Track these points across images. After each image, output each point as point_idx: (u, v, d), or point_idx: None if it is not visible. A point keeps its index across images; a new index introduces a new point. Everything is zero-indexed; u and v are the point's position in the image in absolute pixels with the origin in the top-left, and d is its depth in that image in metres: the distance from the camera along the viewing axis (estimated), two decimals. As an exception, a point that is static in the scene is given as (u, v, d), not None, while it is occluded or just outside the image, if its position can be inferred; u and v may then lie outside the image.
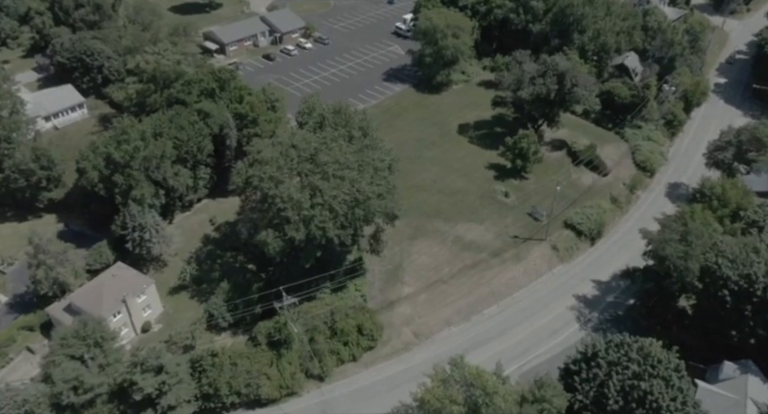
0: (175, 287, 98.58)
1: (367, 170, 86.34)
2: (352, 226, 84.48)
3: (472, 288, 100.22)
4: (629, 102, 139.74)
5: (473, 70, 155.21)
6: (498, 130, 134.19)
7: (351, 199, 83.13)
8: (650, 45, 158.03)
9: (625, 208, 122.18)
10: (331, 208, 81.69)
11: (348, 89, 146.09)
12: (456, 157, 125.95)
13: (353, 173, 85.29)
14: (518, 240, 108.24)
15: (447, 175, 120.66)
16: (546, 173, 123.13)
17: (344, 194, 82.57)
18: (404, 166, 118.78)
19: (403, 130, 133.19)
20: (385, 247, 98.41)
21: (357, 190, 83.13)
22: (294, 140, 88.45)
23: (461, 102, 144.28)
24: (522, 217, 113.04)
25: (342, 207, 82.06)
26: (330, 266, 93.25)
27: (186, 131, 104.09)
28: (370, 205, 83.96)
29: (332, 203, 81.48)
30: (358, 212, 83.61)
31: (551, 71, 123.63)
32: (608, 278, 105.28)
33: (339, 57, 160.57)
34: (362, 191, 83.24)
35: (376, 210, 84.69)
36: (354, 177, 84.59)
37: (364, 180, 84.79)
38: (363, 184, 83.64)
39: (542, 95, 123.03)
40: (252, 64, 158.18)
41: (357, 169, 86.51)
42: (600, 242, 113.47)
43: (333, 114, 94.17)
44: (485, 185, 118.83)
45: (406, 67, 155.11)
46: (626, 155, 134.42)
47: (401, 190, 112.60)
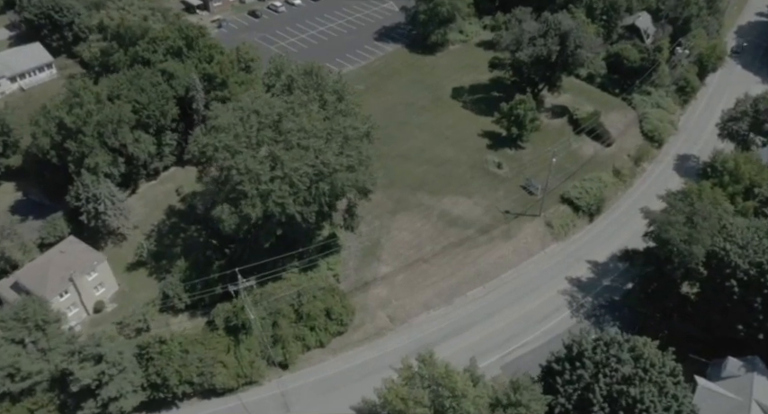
0: (134, 263, 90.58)
1: (335, 139, 76.72)
2: (316, 201, 75.26)
3: (456, 268, 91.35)
4: (638, 65, 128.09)
5: (472, 29, 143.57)
6: (495, 94, 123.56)
7: (314, 172, 73.80)
8: (664, 5, 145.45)
9: (629, 182, 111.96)
10: (291, 182, 72.46)
11: (336, 49, 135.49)
12: (447, 124, 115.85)
13: (320, 142, 75.81)
14: (509, 216, 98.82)
15: (436, 144, 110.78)
16: (544, 142, 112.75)
17: (307, 166, 73.23)
18: (390, 133, 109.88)
19: (392, 94, 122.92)
20: (360, 223, 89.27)
21: (322, 162, 73.74)
22: (256, 105, 78.79)
23: (457, 63, 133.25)
24: (515, 190, 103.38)
25: (303, 181, 72.83)
26: (299, 243, 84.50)
27: (147, 94, 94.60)
28: (337, 179, 74.60)
29: (292, 176, 72.24)
30: (322, 187, 74.38)
31: (553, 31, 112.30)
32: (605, 259, 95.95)
33: (330, 14, 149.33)
34: (328, 163, 73.86)
35: (344, 184, 75.30)
36: (320, 147, 75.14)
37: (331, 150, 75.28)
38: (329, 155, 74.15)
39: (543, 57, 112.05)
40: (236, 21, 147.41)
41: (325, 138, 76.99)
42: (599, 219, 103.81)
43: (303, 76, 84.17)
44: (476, 155, 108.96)
45: (400, 25, 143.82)
46: (633, 123, 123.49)
47: (385, 159, 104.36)
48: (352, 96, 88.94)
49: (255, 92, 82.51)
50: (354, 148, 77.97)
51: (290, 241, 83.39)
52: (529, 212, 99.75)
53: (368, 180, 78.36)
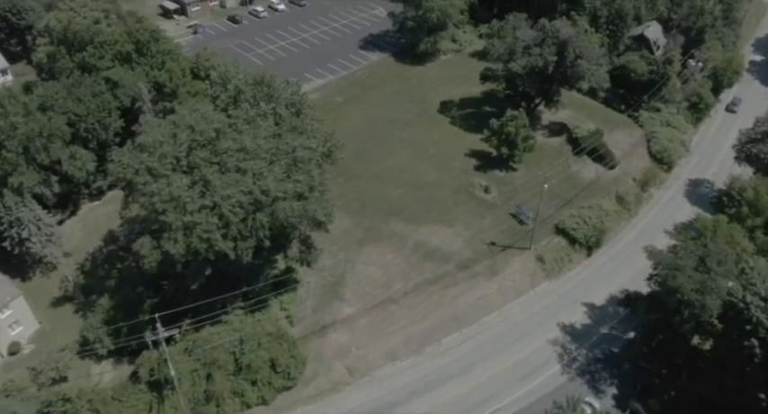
0: (60, 298, 77.90)
1: (280, 161, 63.61)
2: (253, 236, 62.07)
3: (429, 310, 77.77)
4: (646, 79, 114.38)
5: (466, 38, 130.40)
6: (487, 109, 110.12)
7: (250, 200, 60.66)
8: (675, 14, 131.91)
9: (633, 210, 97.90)
10: (221, 213, 59.40)
11: (317, 57, 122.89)
12: (432, 141, 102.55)
13: (261, 164, 62.77)
14: (495, 249, 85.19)
15: (418, 163, 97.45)
16: (539, 163, 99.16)
17: (242, 194, 60.12)
18: (367, 150, 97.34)
19: (374, 107, 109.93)
20: (320, 256, 76.10)
21: (260, 188, 60.58)
22: (192, 119, 65.96)
23: (448, 75, 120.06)
24: (503, 218, 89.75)
25: (235, 211, 59.72)
26: (244, 280, 71.47)
27: (86, 104, 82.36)
28: (279, 209, 61.43)
29: (222, 206, 59.19)
30: (260, 218, 61.20)
31: (551, 39, 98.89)
32: (604, 301, 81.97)
33: (314, 20, 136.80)
34: (268, 190, 60.68)
35: (288, 215, 62.08)
36: (260, 171, 62.05)
37: (273, 175, 62.16)
38: (269, 181, 60.98)
39: (538, 69, 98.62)
40: (214, 27, 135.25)
41: (268, 160, 63.97)
42: (598, 253, 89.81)
43: (252, 87, 71.20)
44: (462, 177, 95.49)
45: (388, 33, 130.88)
46: (639, 143, 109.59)
47: (358, 180, 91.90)
48: (311, 110, 76.05)
49: (195, 104, 69.69)
50: (305, 171, 64.81)
51: (234, 278, 70.39)
52: (518, 245, 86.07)
53: (319, 210, 65.08)
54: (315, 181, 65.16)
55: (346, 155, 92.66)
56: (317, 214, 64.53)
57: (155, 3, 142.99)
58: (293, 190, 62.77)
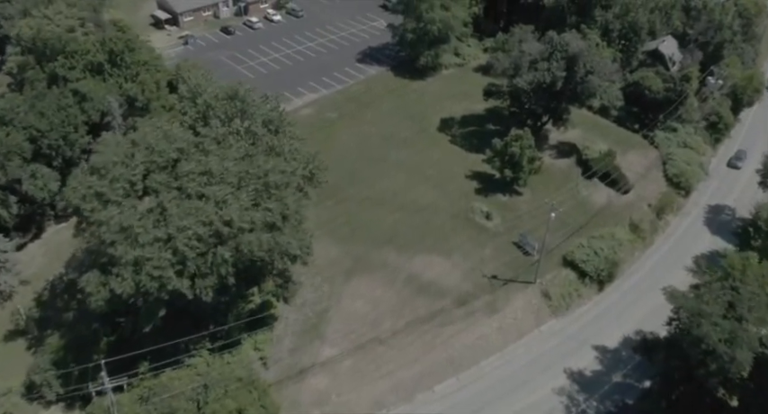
0: (13, 331, 69.74)
1: (249, 187, 55.30)
2: (214, 273, 53.70)
3: (422, 352, 69.01)
4: (662, 97, 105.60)
5: (470, 52, 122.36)
6: (491, 127, 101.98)
7: (211, 232, 52.37)
8: (692, 28, 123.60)
9: (648, 239, 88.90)
10: (175, 247, 51.14)
11: (311, 71, 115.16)
12: (431, 161, 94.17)
13: (226, 190, 54.53)
14: (496, 282, 76.49)
15: (414, 186, 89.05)
16: (547, 187, 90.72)
17: (201, 225, 51.86)
18: (359, 171, 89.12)
19: (369, 124, 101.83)
20: (297, 292, 67.67)
21: (222, 218, 52.29)
22: (152, 138, 57.92)
23: (449, 90, 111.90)
24: (506, 248, 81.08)
25: (192, 245, 51.43)
26: (211, 318, 63.07)
27: (49, 119, 74.63)
28: (244, 242, 53.09)
29: (176, 239, 50.95)
30: (222, 253, 52.85)
31: (559, 53, 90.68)
32: (616, 344, 72.97)
33: (311, 32, 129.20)
34: (231, 220, 52.38)
35: (255, 249, 53.71)
36: (224, 198, 53.80)
37: (240, 202, 53.85)
38: (233, 210, 52.66)
39: (546, 85, 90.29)
40: (206, 37, 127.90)
41: (236, 185, 55.73)
42: (611, 288, 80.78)
43: (224, 102, 63.10)
44: (461, 201, 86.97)
45: (388, 46, 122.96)
46: (655, 165, 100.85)
47: (349, 203, 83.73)
48: (291, 128, 67.94)
49: (158, 120, 61.68)
50: (278, 198, 56.48)
51: (199, 315, 62.01)
52: (521, 278, 77.33)
53: (294, 243, 56.63)
54: (289, 209, 56.81)
55: (337, 176, 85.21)
56: (290, 247, 56.09)
57: (147, 12, 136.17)
58: (262, 220, 54.45)
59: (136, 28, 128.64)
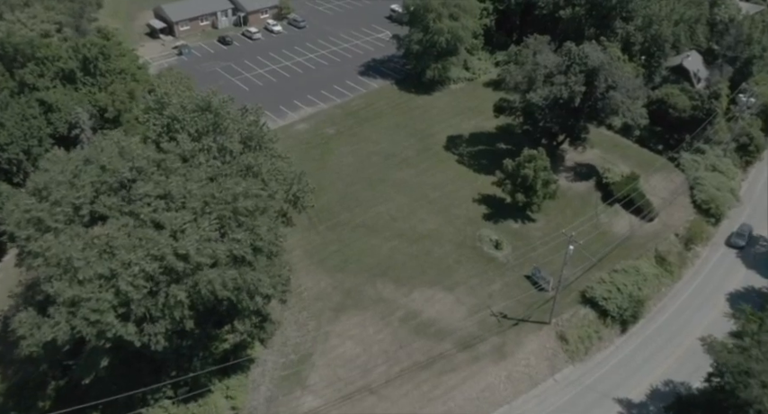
0: (-46, 372, 60.72)
1: (213, 214, 46.08)
2: (166, 316, 44.42)
3: (418, 405, 59.19)
4: (688, 116, 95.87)
5: (481, 66, 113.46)
6: (501, 146, 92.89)
7: (162, 268, 43.18)
8: (718, 44, 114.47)
9: (677, 273, 78.77)
10: (118, 289, 41.97)
11: (310, 83, 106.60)
12: (435, 183, 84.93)
13: (187, 217, 45.41)
14: (505, 322, 66.73)
15: (416, 210, 79.77)
16: (562, 213, 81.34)
17: (150, 260, 42.69)
18: (356, 193, 79.97)
19: (369, 141, 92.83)
20: (275, 332, 58.24)
21: (176, 251, 43.11)
22: (105, 155, 49.06)
23: (458, 106, 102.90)
24: (517, 282, 71.39)
25: (137, 284, 42.23)
26: (173, 363, 53.68)
27: (9, 131, 66.19)
28: (203, 281, 43.85)
29: (120, 276, 41.81)
30: (175, 293, 43.57)
31: (578, 66, 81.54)
32: (643, 397, 62.72)
33: (312, 43, 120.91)
34: (188, 255, 43.18)
35: (218, 288, 44.44)
36: (182, 226, 44.68)
37: (200, 232, 44.65)
38: (189, 242, 43.41)
39: (563, 100, 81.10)
40: (201, 48, 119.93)
41: (199, 212, 46.60)
42: (635, 328, 70.69)
43: (194, 114, 54.16)
44: (467, 228, 77.51)
45: (393, 58, 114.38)
46: (681, 190, 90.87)
47: (343, 229, 74.45)
48: (274, 145, 58.95)
49: (115, 135, 52.82)
50: (248, 227, 47.27)
51: (160, 359, 52.66)
52: (534, 318, 67.53)
53: (266, 280, 47.27)
54: (263, 240, 47.57)
55: (330, 198, 76.48)
56: (261, 286, 46.75)
57: (144, 22, 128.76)
58: (227, 253, 45.20)
59: (131, 37, 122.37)
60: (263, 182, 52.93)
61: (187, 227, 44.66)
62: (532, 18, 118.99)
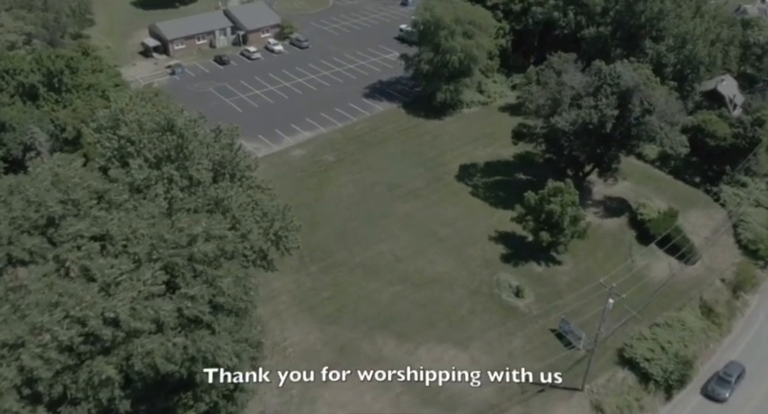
0: None
1: (152, 265, 35.19)
2: (90, 398, 33.25)
3: None
4: (728, 144, 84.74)
5: (496, 89, 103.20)
6: (521, 177, 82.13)
7: (81, 336, 32.20)
8: (755, 67, 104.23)
9: (725, 325, 67.01)
10: (21, 364, 31.00)
11: (309, 105, 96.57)
12: (445, 218, 73.93)
13: (126, 266, 34.56)
14: (530, 388, 54.94)
15: (423, 250, 68.69)
16: (592, 254, 70.11)
17: (68, 324, 31.74)
18: (356, 229, 68.92)
19: (372, 169, 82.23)
20: (246, 404, 46.84)
21: (103, 314, 32.14)
22: (33, 185, 38.48)
23: (471, 132, 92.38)
24: (542, 337, 59.83)
25: (48, 359, 31.28)
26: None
27: (-52, 153, 56.03)
28: (138, 353, 32.80)
29: (26, 346, 30.90)
30: (99, 369, 32.48)
31: (609, 87, 70.91)
32: (701, 487, 50.70)
33: (315, 64, 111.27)
34: (118, 318, 32.20)
35: (160, 361, 33.37)
36: (117, 279, 33.79)
37: (138, 287, 33.70)
38: (121, 303, 32.45)
39: (593, 126, 70.31)
40: (196, 67, 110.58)
41: (145, 258, 35.74)
42: (683, 394, 58.73)
43: (152, 136, 43.58)
44: (483, 272, 66.23)
45: (400, 80, 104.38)
46: (723, 228, 79.38)
47: (339, 270, 63.19)
48: (252, 173, 48.29)
49: (55, 160, 42.40)
50: (206, 279, 36.34)
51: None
52: (564, 383, 55.58)
53: (226, 350, 36.07)
54: (225, 295, 36.57)
55: (326, 234, 65.83)
56: (219, 356, 35.58)
57: (139, 40, 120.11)
58: (175, 314, 34.21)
59: (123, 56, 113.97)
60: (233, 219, 42.14)
61: (124, 279, 33.71)
62: (551, 39, 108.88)
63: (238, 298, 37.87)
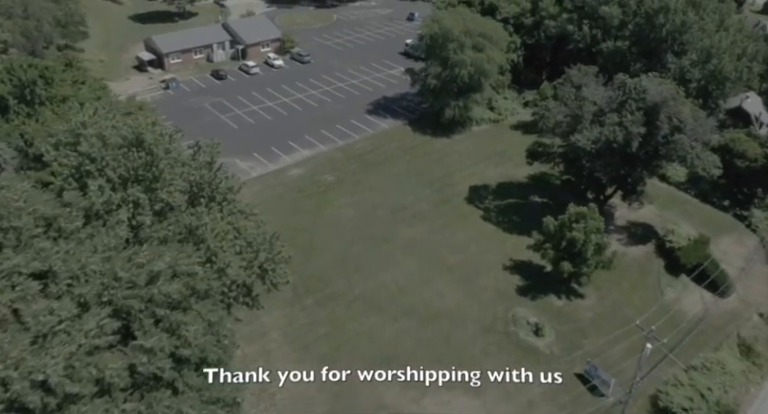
0: None
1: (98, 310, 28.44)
2: None
3: None
4: (760, 165, 78.01)
5: (507, 106, 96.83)
6: (536, 199, 75.40)
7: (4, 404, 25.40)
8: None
9: (766, 366, 59.63)
10: None
11: (309, 122, 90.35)
12: (454, 244, 67.07)
13: (67, 310, 27.76)
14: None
15: (430, 279, 61.78)
16: (618, 286, 63.07)
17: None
18: (356, 257, 62.06)
19: (375, 190, 75.63)
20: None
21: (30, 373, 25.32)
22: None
23: (481, 151, 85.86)
24: (566, 382, 52.29)
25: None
26: None
27: None
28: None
29: None
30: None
31: (635, 102, 64.34)
32: None
33: (316, 79, 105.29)
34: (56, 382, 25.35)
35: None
36: (54, 328, 26.99)
37: (78, 339, 26.91)
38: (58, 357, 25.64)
39: (618, 145, 63.63)
40: (191, 82, 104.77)
41: (93, 300, 29.01)
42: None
43: (117, 152, 37.03)
44: (498, 306, 59.18)
45: (406, 96, 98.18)
46: (756, 256, 72.41)
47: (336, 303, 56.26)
48: (235, 196, 41.64)
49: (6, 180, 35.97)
50: (169, 327, 29.56)
51: None
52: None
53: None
54: (191, 347, 29.72)
55: (323, 262, 59.24)
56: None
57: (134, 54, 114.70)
58: (125, 372, 27.37)
59: (116, 69, 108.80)
60: (209, 250, 35.47)
61: (62, 328, 26.98)
62: (564, 54, 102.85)
63: (208, 348, 31.02)
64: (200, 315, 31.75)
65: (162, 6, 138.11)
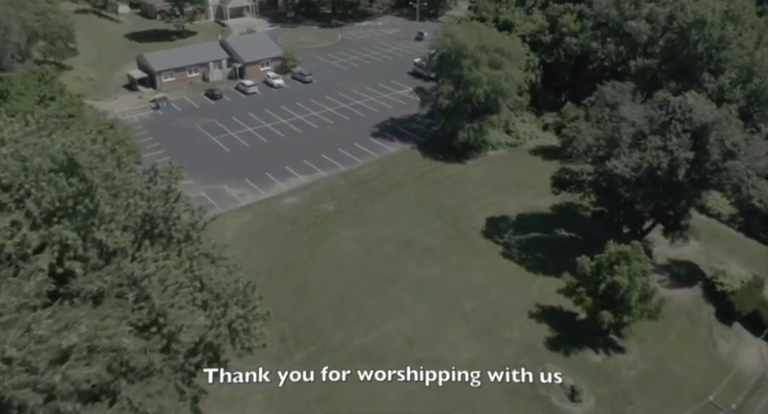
0: None
1: None
2: None
3: None
4: (812, 196, 68.53)
5: (526, 129, 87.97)
6: (563, 234, 65.89)
7: None
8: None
9: None
10: None
11: (309, 145, 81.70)
12: (471, 286, 57.48)
13: None
14: None
15: (443, 329, 52.17)
16: (664, 337, 53.43)
17: None
18: (359, 301, 52.44)
19: (380, 222, 66.39)
20: None
21: None
22: None
23: (499, 178, 76.76)
24: (608, 461, 42.59)
25: None
26: None
27: None
28: None
29: None
30: None
31: (680, 123, 55.29)
32: None
33: (317, 99, 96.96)
34: None
35: None
36: None
37: None
38: None
39: (661, 172, 54.41)
40: (184, 102, 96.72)
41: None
42: None
43: (40, 178, 28.25)
44: (523, 361, 49.18)
45: (415, 117, 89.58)
46: (817, 301, 62.33)
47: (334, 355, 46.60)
48: (199, 233, 32.53)
49: None
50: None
51: None
52: None
53: None
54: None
55: (318, 307, 50.03)
56: None
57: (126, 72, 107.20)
58: None
59: (106, 88, 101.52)
60: (152, 310, 26.29)
61: None
62: (586, 73, 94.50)
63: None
64: (132, 405, 22.39)
65: (160, 25, 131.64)
